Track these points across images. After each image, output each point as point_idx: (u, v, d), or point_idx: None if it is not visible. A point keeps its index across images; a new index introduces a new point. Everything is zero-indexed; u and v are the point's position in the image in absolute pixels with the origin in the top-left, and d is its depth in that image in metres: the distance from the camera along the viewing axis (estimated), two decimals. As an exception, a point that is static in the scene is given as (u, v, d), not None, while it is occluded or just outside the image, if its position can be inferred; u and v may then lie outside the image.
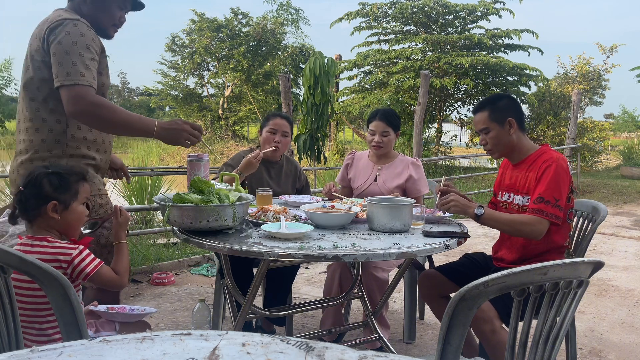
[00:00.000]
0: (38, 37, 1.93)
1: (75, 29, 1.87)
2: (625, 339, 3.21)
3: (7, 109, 29.57)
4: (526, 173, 2.26)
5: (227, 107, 23.19)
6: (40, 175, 1.68)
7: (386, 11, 16.23)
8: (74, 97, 1.84)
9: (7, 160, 6.46)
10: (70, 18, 1.89)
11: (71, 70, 1.83)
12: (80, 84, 1.84)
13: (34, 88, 1.95)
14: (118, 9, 2.11)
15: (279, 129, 2.93)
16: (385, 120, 2.90)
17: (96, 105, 1.87)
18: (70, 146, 1.98)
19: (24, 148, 1.97)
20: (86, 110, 1.85)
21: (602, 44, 18.63)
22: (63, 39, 1.85)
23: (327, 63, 7.64)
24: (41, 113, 1.94)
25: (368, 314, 2.68)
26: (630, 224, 7.21)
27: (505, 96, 2.37)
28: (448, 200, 2.23)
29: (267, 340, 0.93)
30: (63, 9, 2.02)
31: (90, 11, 2.04)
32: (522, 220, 2.12)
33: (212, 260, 4.58)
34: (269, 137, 2.93)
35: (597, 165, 15.60)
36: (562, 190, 2.13)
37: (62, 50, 1.84)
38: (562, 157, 2.19)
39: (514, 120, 2.27)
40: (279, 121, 2.95)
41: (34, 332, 1.65)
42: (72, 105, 1.84)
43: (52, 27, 1.88)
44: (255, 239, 1.91)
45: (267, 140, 2.93)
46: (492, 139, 2.30)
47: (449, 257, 4.22)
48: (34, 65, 1.94)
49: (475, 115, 2.36)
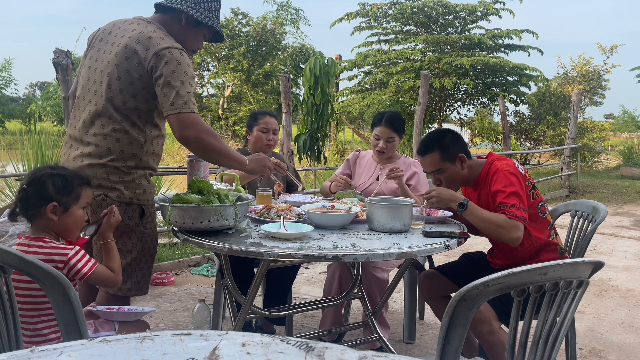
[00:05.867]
0: (137, 54, 1.95)
1: (183, 58, 1.97)
2: (625, 339, 3.21)
3: (7, 109, 29.56)
4: (481, 191, 2.30)
5: (227, 107, 23.19)
6: (44, 176, 1.69)
7: (386, 11, 16.23)
8: (191, 123, 1.93)
9: (7, 160, 6.44)
10: (177, 47, 1.97)
11: (187, 100, 1.93)
12: (196, 112, 1.97)
13: (121, 100, 1.98)
14: (204, 37, 2.20)
15: (270, 128, 2.95)
16: (390, 126, 2.89)
17: (207, 132, 1.98)
18: (144, 160, 2.07)
19: (96, 152, 1.99)
20: (198, 136, 1.95)
21: (602, 44, 18.68)
22: (176, 68, 1.93)
23: (327, 63, 7.65)
24: (124, 125, 1.99)
25: (368, 314, 2.68)
26: (630, 224, 7.21)
27: (448, 131, 2.37)
28: (430, 192, 2.25)
29: (267, 340, 0.93)
30: (155, 25, 2.06)
31: (180, 33, 2.11)
32: (498, 222, 2.10)
33: (212, 260, 4.58)
34: (261, 136, 2.94)
35: (597, 166, 15.60)
36: (518, 192, 2.13)
37: (178, 80, 1.93)
38: (506, 163, 2.22)
39: (464, 155, 2.29)
40: (269, 119, 2.97)
41: (28, 332, 1.66)
42: (187, 130, 1.93)
43: (158, 53, 1.93)
44: (255, 239, 1.91)
45: (260, 139, 2.94)
46: (447, 178, 2.31)
47: (448, 257, 4.22)
48: (127, 79, 1.97)
49: (424, 157, 2.32)
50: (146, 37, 1.97)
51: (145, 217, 2.07)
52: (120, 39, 2.02)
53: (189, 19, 2.10)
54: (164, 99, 1.93)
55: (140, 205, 2.05)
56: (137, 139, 2.02)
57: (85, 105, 2.05)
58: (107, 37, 2.08)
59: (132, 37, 1.99)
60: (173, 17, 2.11)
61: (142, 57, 1.95)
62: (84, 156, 2.00)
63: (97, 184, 1.94)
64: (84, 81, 2.09)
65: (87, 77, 2.08)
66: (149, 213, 2.09)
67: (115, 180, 1.99)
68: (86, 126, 2.03)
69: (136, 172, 2.04)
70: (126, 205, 2.01)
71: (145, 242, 2.08)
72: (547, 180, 10.47)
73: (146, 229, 2.08)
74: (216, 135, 2.03)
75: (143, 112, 2.02)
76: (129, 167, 2.02)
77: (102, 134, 1.99)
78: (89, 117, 2.02)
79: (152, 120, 2.06)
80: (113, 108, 1.99)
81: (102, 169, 1.98)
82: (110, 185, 1.98)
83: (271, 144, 2.96)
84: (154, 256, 2.16)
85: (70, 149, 2.08)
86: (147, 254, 2.10)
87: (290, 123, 6.23)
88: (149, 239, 2.10)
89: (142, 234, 2.06)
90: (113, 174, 1.98)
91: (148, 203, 2.08)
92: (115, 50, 2.00)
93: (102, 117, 2.00)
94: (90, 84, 2.05)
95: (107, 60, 2.01)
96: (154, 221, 2.14)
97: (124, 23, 2.09)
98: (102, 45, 2.07)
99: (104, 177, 1.97)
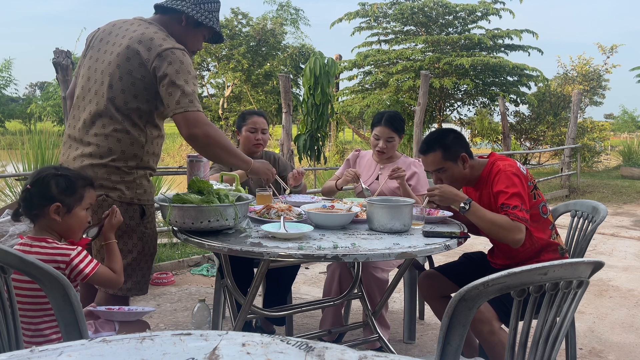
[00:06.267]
0: (139, 55, 1.95)
1: (186, 58, 1.98)
2: (625, 339, 3.21)
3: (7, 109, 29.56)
4: (483, 191, 2.29)
5: (227, 107, 23.18)
6: (48, 176, 1.69)
7: (386, 11, 16.22)
8: (198, 121, 1.96)
9: (7, 160, 6.44)
10: (179, 48, 1.98)
11: (193, 98, 1.95)
12: (201, 111, 1.99)
13: (122, 100, 1.99)
14: (203, 38, 2.21)
15: (259, 127, 2.95)
16: (390, 126, 2.89)
17: (214, 130, 2.01)
18: (144, 160, 2.07)
19: (97, 152, 1.99)
20: (205, 134, 1.97)
21: (602, 44, 18.66)
22: (180, 68, 1.94)
23: (327, 63, 7.64)
24: (125, 125, 2.00)
25: (368, 314, 2.68)
26: (630, 224, 7.21)
27: (450, 130, 2.37)
28: (434, 188, 2.23)
29: (267, 340, 0.93)
30: (156, 26, 2.06)
31: (181, 33, 2.11)
32: (501, 223, 2.09)
33: (212, 260, 4.58)
34: (249, 136, 2.95)
35: (597, 166, 15.60)
36: (520, 192, 2.13)
37: (183, 79, 1.94)
38: (509, 163, 2.21)
39: (466, 155, 2.29)
40: (257, 119, 2.96)
41: (29, 333, 1.65)
42: (194, 128, 1.96)
43: (161, 54, 1.94)
44: (255, 239, 1.91)
45: (249, 139, 2.94)
46: (449, 177, 2.30)
47: (448, 257, 4.22)
48: (129, 80, 1.97)
49: (426, 156, 2.32)
50: (148, 38, 1.97)
51: (146, 217, 2.07)
52: (121, 40, 2.01)
53: (189, 19, 2.10)
54: (169, 98, 1.93)
55: (141, 205, 2.05)
56: (138, 139, 2.02)
57: (86, 105, 2.05)
58: (107, 37, 2.08)
59: (133, 37, 1.99)
60: (173, 17, 2.11)
61: (144, 58, 1.95)
62: (85, 156, 2.00)
63: (98, 184, 1.94)
64: (84, 81, 2.09)
65: (87, 77, 2.08)
66: (149, 213, 2.09)
67: (117, 181, 1.99)
68: (86, 126, 2.03)
69: (137, 172, 2.04)
70: (127, 205, 2.01)
71: (146, 242, 2.09)
72: (547, 180, 10.47)
73: (147, 229, 2.08)
74: (222, 134, 2.05)
75: (144, 113, 2.02)
76: (130, 167, 2.02)
77: (103, 134, 1.99)
78: (89, 117, 2.02)
79: (152, 121, 2.06)
80: (114, 108, 1.99)
81: (103, 169, 1.98)
82: (112, 185, 1.98)
83: (260, 144, 2.95)
84: (154, 256, 2.16)
85: (70, 149, 2.08)
86: (147, 254, 2.10)
87: (290, 123, 6.23)
88: (149, 239, 2.10)
89: (142, 234, 2.07)
90: (114, 174, 1.98)
91: (148, 203, 2.08)
92: (117, 51, 2.00)
93: (103, 117, 2.00)
94: (91, 84, 2.05)
95: (108, 60, 2.01)
96: (154, 221, 2.15)
97: (124, 24, 2.09)
98: (103, 46, 2.07)
99: (105, 177, 1.97)
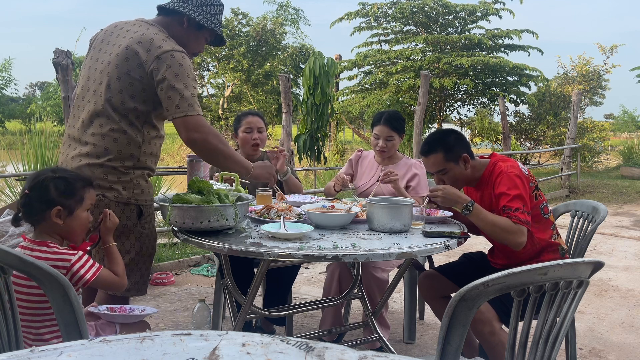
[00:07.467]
0: (138, 56, 1.95)
1: (185, 61, 1.97)
2: (625, 339, 3.21)
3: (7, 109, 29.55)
4: (484, 192, 2.29)
5: (227, 107, 23.17)
6: (46, 179, 1.66)
7: (386, 11, 16.22)
8: (198, 126, 1.95)
9: (7, 160, 6.44)
10: (178, 50, 1.97)
11: (192, 102, 1.94)
12: (201, 115, 1.98)
13: (120, 100, 1.98)
14: (205, 40, 2.20)
15: (254, 127, 2.94)
16: (389, 124, 2.89)
17: (214, 135, 2.00)
18: (141, 160, 2.06)
19: (93, 152, 1.99)
20: (205, 139, 1.96)
21: (602, 44, 18.66)
22: (179, 71, 1.93)
23: (327, 63, 7.64)
24: (122, 125, 1.99)
25: (368, 314, 2.68)
26: (630, 224, 7.21)
27: (451, 131, 2.37)
28: (436, 189, 2.22)
29: (267, 340, 0.93)
30: (157, 27, 2.06)
31: (182, 35, 2.11)
32: (503, 226, 2.09)
33: (212, 260, 4.58)
34: (246, 137, 2.94)
35: (597, 166, 15.60)
36: (522, 194, 2.12)
37: (182, 83, 1.93)
38: (510, 164, 2.21)
39: (468, 156, 2.28)
40: (251, 119, 2.95)
41: (31, 336, 1.65)
42: (194, 133, 1.95)
43: (160, 56, 1.93)
44: (255, 239, 1.91)
45: (246, 140, 2.94)
46: (450, 178, 2.30)
47: (448, 257, 4.22)
48: (127, 80, 1.97)
49: (427, 158, 2.31)
50: (148, 39, 1.97)
51: (144, 217, 2.07)
52: (121, 40, 2.02)
53: (191, 22, 2.10)
54: (168, 102, 1.93)
55: (138, 205, 2.05)
56: (135, 140, 2.02)
57: (85, 104, 2.05)
58: (108, 37, 2.08)
59: (133, 38, 1.99)
60: (175, 19, 2.11)
61: (143, 59, 1.95)
62: (82, 156, 2.00)
63: (95, 184, 1.94)
64: (84, 81, 2.09)
65: (87, 77, 2.08)
66: (147, 213, 2.09)
67: (113, 180, 1.98)
68: (85, 126, 2.03)
69: (134, 172, 2.04)
70: (124, 206, 2.00)
71: (144, 242, 2.08)
72: (547, 180, 10.48)
73: (144, 229, 2.08)
74: (222, 139, 2.04)
75: (141, 113, 2.01)
76: (127, 167, 2.02)
77: (100, 134, 1.99)
78: (87, 116, 2.02)
79: (150, 121, 2.06)
80: (111, 108, 1.98)
81: (100, 169, 1.98)
82: (108, 185, 1.98)
83: (257, 143, 2.94)
84: (153, 256, 2.15)
85: (69, 148, 2.08)
86: (145, 255, 2.09)
87: (290, 123, 6.23)
88: (147, 239, 2.09)
89: (140, 234, 2.06)
90: (111, 174, 1.98)
91: (146, 203, 2.08)
92: (116, 51, 2.00)
93: (100, 116, 2.00)
94: (90, 83, 2.06)
95: (108, 60, 2.01)
96: (152, 221, 2.14)
97: (125, 24, 2.09)
98: (103, 46, 2.07)
99: (102, 177, 1.97)
